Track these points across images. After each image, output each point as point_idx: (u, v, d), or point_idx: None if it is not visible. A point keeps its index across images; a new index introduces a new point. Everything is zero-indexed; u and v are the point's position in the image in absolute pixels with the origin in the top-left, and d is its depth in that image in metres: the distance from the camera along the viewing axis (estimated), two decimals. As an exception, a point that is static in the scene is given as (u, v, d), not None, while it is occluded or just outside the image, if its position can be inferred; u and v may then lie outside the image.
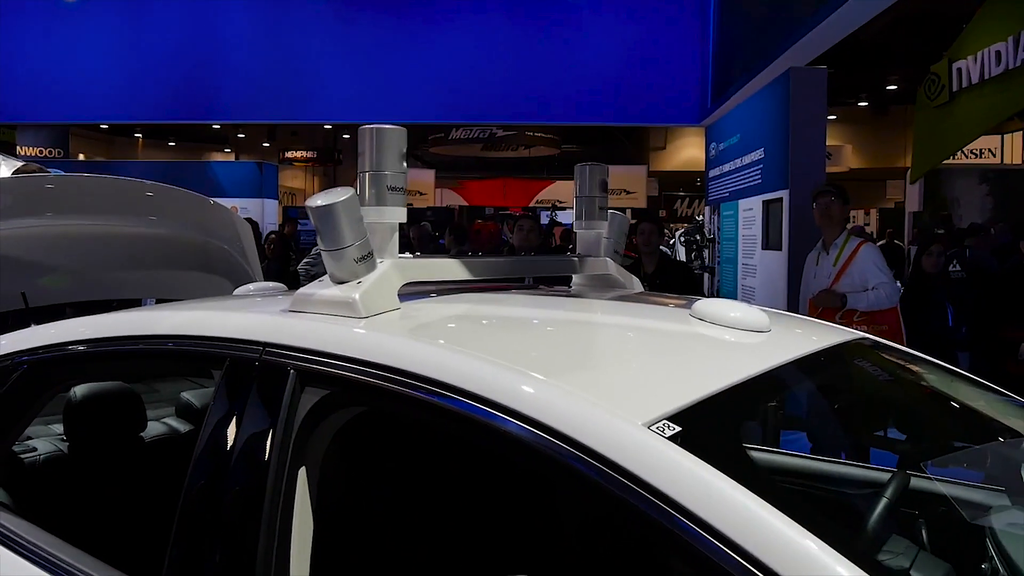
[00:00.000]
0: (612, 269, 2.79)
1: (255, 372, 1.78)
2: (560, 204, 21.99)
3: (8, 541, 2.05)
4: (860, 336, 2.31)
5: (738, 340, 1.88)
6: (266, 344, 1.79)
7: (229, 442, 1.74)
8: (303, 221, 16.51)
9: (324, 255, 1.89)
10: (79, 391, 2.91)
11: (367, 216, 1.94)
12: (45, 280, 3.63)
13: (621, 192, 22.92)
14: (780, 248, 7.37)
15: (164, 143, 30.69)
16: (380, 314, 1.85)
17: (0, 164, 4.31)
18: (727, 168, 9.80)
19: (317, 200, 1.86)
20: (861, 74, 19.39)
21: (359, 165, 2.01)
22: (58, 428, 3.23)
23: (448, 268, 2.25)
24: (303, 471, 1.67)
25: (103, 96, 14.12)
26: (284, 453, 1.65)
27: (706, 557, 1.16)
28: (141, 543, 2.07)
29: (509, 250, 6.84)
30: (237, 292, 2.79)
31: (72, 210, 3.58)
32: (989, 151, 17.89)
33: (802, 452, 2.16)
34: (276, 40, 13.90)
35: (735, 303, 2.00)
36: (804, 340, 2.04)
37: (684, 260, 12.38)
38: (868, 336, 2.37)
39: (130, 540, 2.35)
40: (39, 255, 3.54)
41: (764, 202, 8.00)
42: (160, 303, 3.94)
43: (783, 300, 6.97)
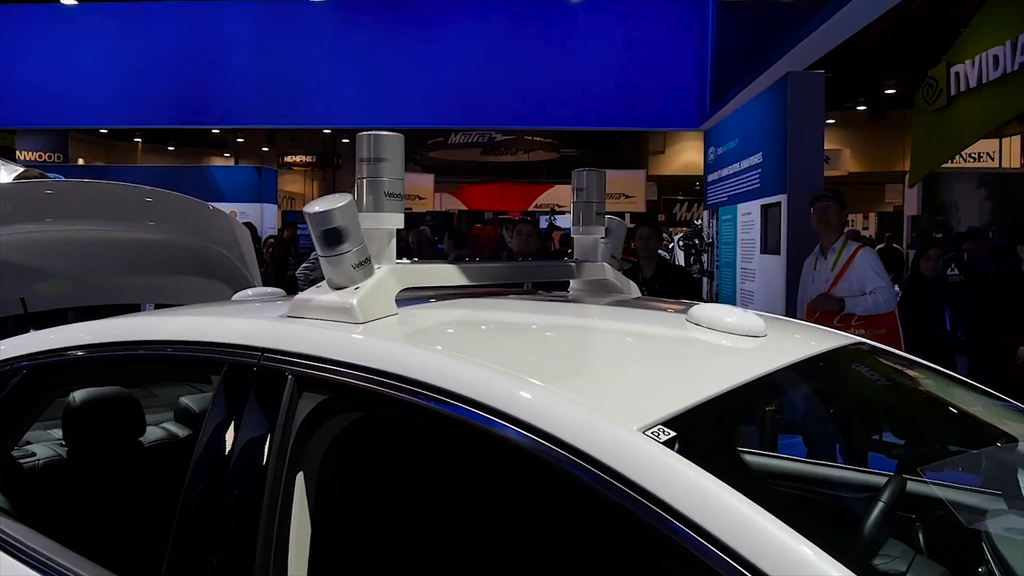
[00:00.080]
0: (609, 274, 2.80)
1: (253, 377, 1.78)
2: (559, 208, 22.03)
3: (7, 546, 2.05)
4: (856, 341, 2.31)
5: (734, 345, 1.88)
6: (264, 349, 1.80)
7: (227, 447, 1.74)
8: (302, 226, 16.49)
9: (322, 261, 1.90)
10: (78, 396, 2.92)
11: (365, 222, 1.95)
12: (44, 285, 3.63)
13: (620, 196, 22.92)
14: (779, 252, 7.38)
15: (163, 147, 30.69)
16: (377, 319, 1.86)
17: (0, 170, 4.31)
18: (726, 172, 9.81)
19: (315, 206, 1.87)
20: (859, 78, 19.41)
21: (356, 171, 2.02)
22: (57, 433, 3.24)
23: (445, 274, 2.26)
24: (301, 476, 1.67)
25: (103, 100, 14.13)
26: (282, 458, 1.66)
27: (701, 562, 1.16)
28: (140, 548, 2.07)
29: (508, 254, 6.84)
30: (235, 297, 2.80)
31: (71, 215, 3.59)
32: (987, 155, 17.90)
33: (798, 456, 2.17)
34: (275, 44, 13.91)
35: (731, 308, 2.01)
36: (800, 345, 2.05)
37: (683, 264, 12.39)
38: (864, 341, 2.37)
39: (129, 545, 2.35)
40: (38, 260, 3.54)
41: (762, 206, 8.01)
42: (159, 308, 3.95)
43: (782, 304, 6.98)
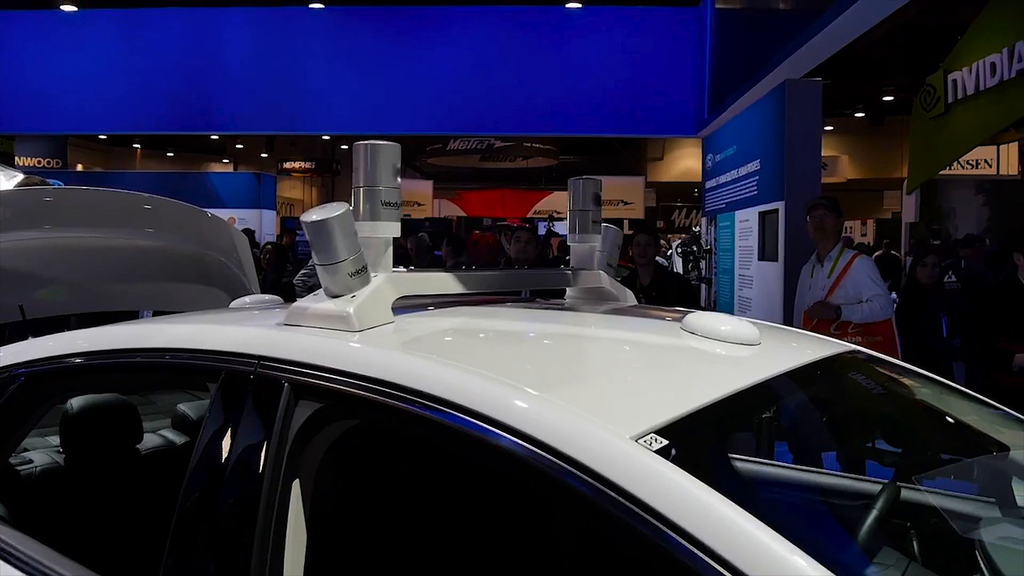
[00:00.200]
0: (605, 282, 2.81)
1: (250, 385, 1.79)
2: (558, 215, 22.01)
3: (4, 554, 2.06)
4: (850, 348, 2.32)
5: (728, 353, 1.89)
6: (261, 357, 1.81)
7: (224, 454, 1.75)
8: (300, 232, 16.52)
9: (319, 269, 1.91)
10: (75, 403, 2.92)
11: (361, 231, 1.95)
12: (43, 292, 3.64)
13: (619, 203, 22.98)
14: (776, 259, 7.39)
15: (162, 153, 30.72)
16: (374, 328, 1.87)
17: (0, 177, 4.32)
18: (724, 179, 9.83)
19: (312, 215, 1.88)
20: (857, 85, 19.47)
21: (353, 180, 2.03)
22: (55, 440, 3.24)
23: (442, 282, 2.27)
24: (297, 484, 1.68)
25: (102, 106, 14.14)
26: (278, 465, 1.66)
27: (693, 571, 1.17)
28: (137, 555, 2.08)
29: (507, 261, 6.85)
30: (233, 305, 2.80)
31: (70, 222, 3.59)
32: (985, 162, 17.92)
33: (791, 464, 2.18)
34: (275, 51, 13.93)
35: (726, 316, 2.02)
36: (793, 353, 2.06)
37: (681, 271, 12.40)
38: (859, 348, 2.38)
39: (126, 552, 2.36)
40: (37, 267, 3.55)
41: (760, 213, 8.03)
42: (157, 315, 3.96)
43: (779, 311, 6.99)
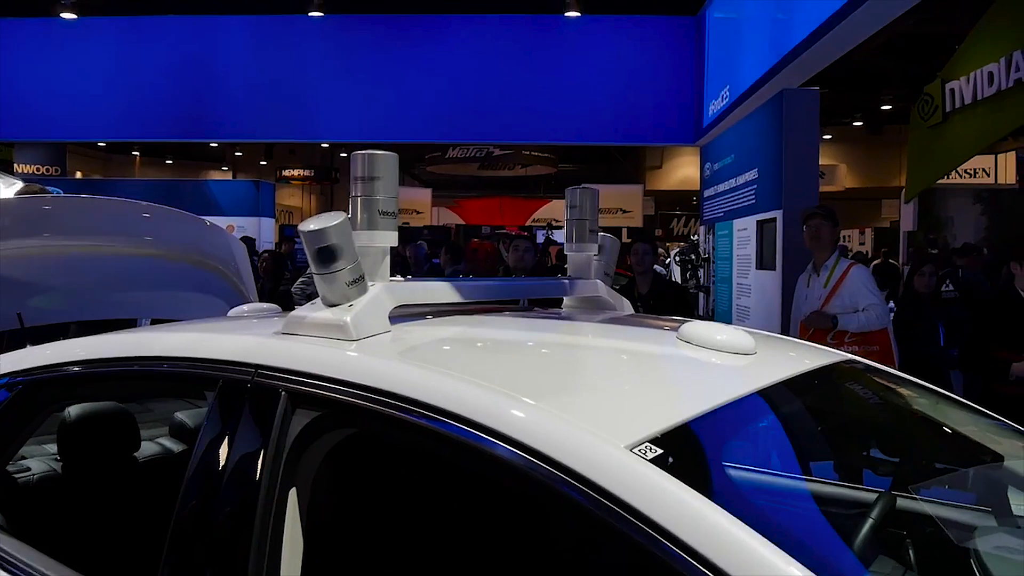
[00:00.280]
0: (602, 291, 2.82)
1: (247, 394, 1.80)
2: (556, 223, 22.04)
3: (2, 562, 2.06)
4: (846, 358, 2.33)
5: (723, 363, 1.90)
6: (258, 366, 1.81)
7: (221, 462, 1.75)
8: (299, 240, 16.49)
9: (316, 278, 1.92)
10: (73, 411, 2.92)
11: (359, 240, 1.97)
12: (41, 300, 3.65)
13: (617, 211, 22.99)
14: (774, 268, 7.40)
15: (161, 161, 30.71)
16: (371, 337, 1.88)
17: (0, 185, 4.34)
18: (722, 188, 9.84)
19: (310, 224, 1.89)
20: (856, 94, 19.51)
21: (351, 190, 2.04)
22: (52, 448, 3.24)
23: (439, 291, 2.28)
24: (294, 492, 1.69)
25: (101, 114, 14.16)
26: (275, 474, 1.67)
27: None
28: (134, 563, 2.08)
29: (505, 270, 6.86)
30: (231, 313, 2.81)
31: (69, 231, 3.60)
32: (983, 171, 17.94)
33: (786, 474, 2.18)
34: (274, 59, 13.95)
35: (721, 326, 2.02)
36: (789, 362, 2.07)
37: (679, 279, 12.41)
38: (854, 358, 2.39)
39: (123, 560, 2.36)
40: (35, 275, 3.56)
41: (758, 222, 8.04)
42: (155, 323, 3.97)
43: (777, 319, 6.99)
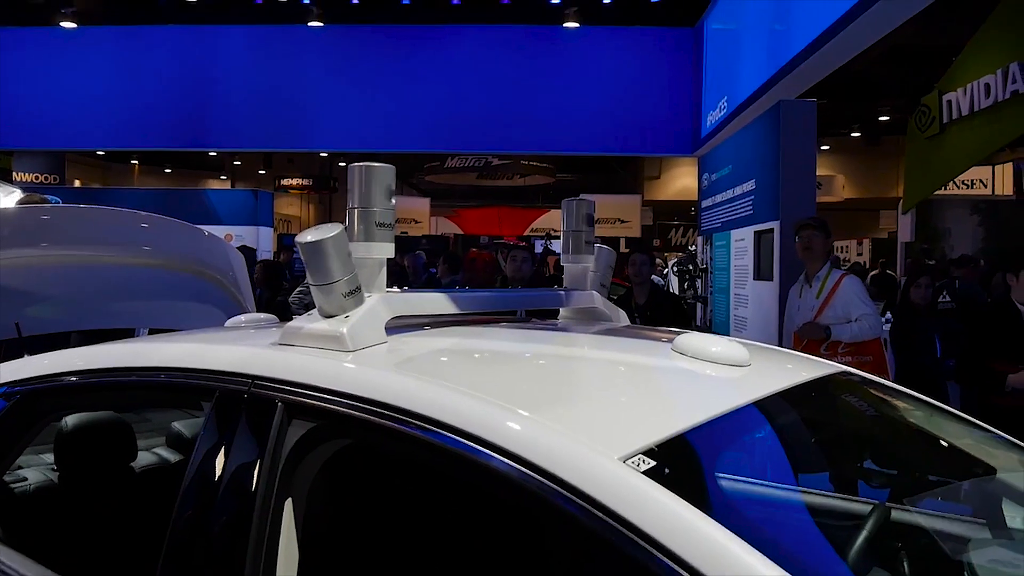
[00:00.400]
0: (598, 302, 2.83)
1: (243, 404, 1.81)
2: (554, 233, 22.02)
3: (-2, 571, 2.06)
4: (840, 370, 2.33)
5: (717, 375, 1.91)
6: (255, 377, 1.82)
7: (217, 473, 1.76)
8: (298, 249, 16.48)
9: (313, 289, 1.93)
10: (70, 421, 2.93)
11: (356, 251, 1.98)
12: (39, 310, 3.65)
13: (616, 221, 22.98)
14: (771, 278, 7.41)
15: (160, 170, 30.72)
16: (367, 348, 1.88)
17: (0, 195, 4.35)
18: (719, 199, 9.86)
19: (307, 236, 1.90)
20: (853, 105, 19.55)
21: (348, 201, 2.06)
22: (49, 458, 3.25)
23: (435, 302, 2.29)
24: (289, 502, 1.69)
25: (100, 123, 14.17)
26: (271, 484, 1.68)
27: None
28: (130, 573, 2.09)
29: (503, 280, 6.87)
30: (228, 323, 2.82)
31: (68, 240, 3.61)
32: (980, 182, 17.98)
33: (780, 486, 2.18)
34: (273, 69, 13.98)
35: (716, 338, 2.03)
36: (783, 374, 2.07)
37: (677, 290, 12.42)
38: (849, 369, 2.40)
39: (119, 569, 2.37)
40: (34, 285, 3.56)
41: (755, 233, 8.05)
42: (153, 332, 3.97)
43: (775, 330, 7.01)
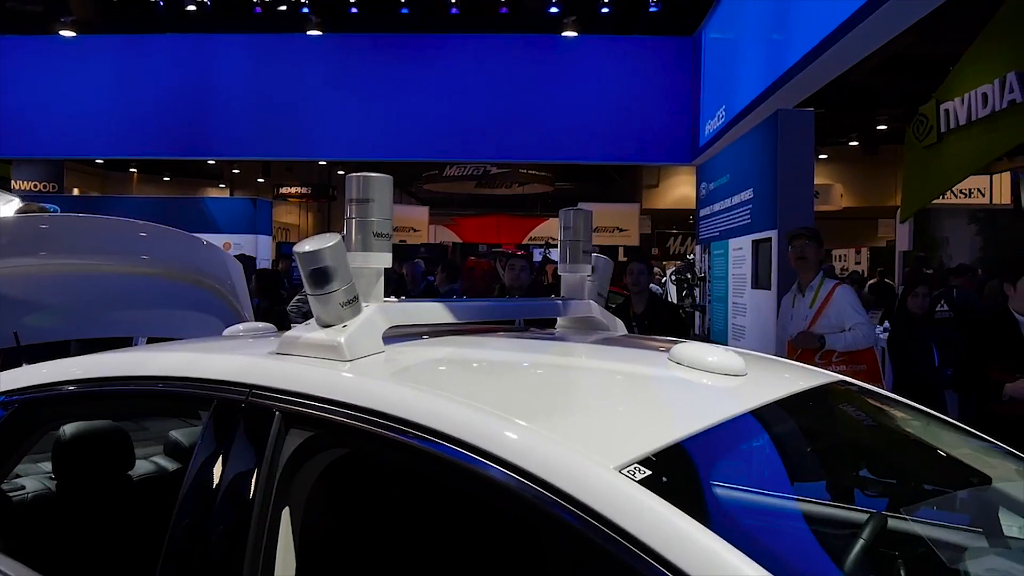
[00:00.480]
0: (595, 311, 2.84)
1: (241, 413, 1.81)
2: (554, 241, 22.02)
3: (-5, 580, 2.07)
4: (837, 379, 2.34)
5: (714, 384, 1.92)
6: (252, 386, 1.83)
7: (215, 482, 1.77)
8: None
9: (311, 299, 1.93)
10: (68, 429, 2.93)
11: (353, 261, 1.99)
12: (37, 319, 3.65)
13: (614, 230, 23.00)
14: (769, 287, 7.43)
15: (159, 178, 30.73)
16: (364, 357, 1.89)
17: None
18: (717, 208, 9.88)
19: (304, 246, 1.91)
20: (851, 114, 19.58)
21: (345, 212, 2.07)
22: (46, 466, 3.25)
23: (432, 312, 2.30)
24: (287, 511, 1.70)
25: (99, 131, 14.20)
26: (268, 493, 1.68)
27: None
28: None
29: (501, 288, 6.89)
30: (226, 332, 2.82)
31: (66, 250, 3.62)
32: (978, 191, 17.99)
33: (776, 495, 2.19)
34: (272, 78, 14.01)
35: (712, 347, 2.04)
36: (779, 383, 2.08)
37: (675, 299, 12.44)
38: (845, 379, 2.40)
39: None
40: (32, 294, 3.57)
41: (753, 242, 8.07)
42: (151, 341, 3.98)
43: (772, 339, 7.02)
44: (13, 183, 19.80)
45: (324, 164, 27.19)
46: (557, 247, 2.99)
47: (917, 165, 8.33)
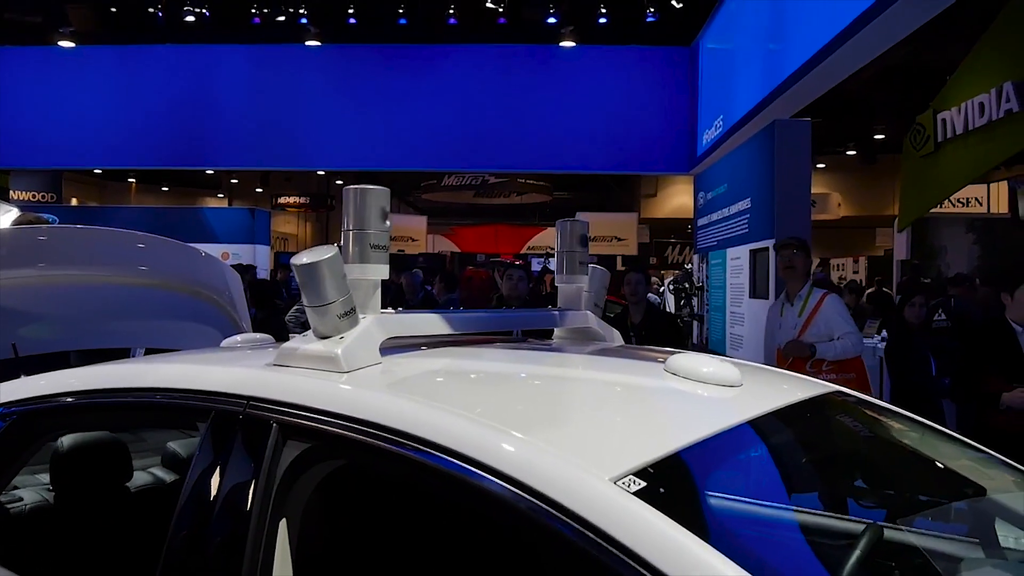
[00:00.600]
0: (592, 322, 2.84)
1: (239, 425, 1.82)
2: (552, 251, 22.03)
3: (-7, 591, 2.07)
4: (833, 390, 2.34)
5: (709, 395, 1.92)
6: (250, 398, 1.83)
7: (212, 493, 1.77)
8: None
9: (308, 311, 1.94)
10: (66, 441, 2.93)
11: (350, 273, 1.99)
12: (35, 330, 3.65)
13: (612, 239, 22.99)
14: (767, 297, 7.43)
15: (157, 188, 30.71)
16: (362, 369, 1.89)
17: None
18: (715, 217, 9.89)
19: (302, 258, 1.91)
20: (849, 123, 19.61)
21: (343, 224, 2.08)
22: (44, 478, 3.25)
23: (429, 324, 2.30)
24: (284, 523, 1.70)
25: (97, 141, 14.22)
26: (266, 504, 1.68)
27: None
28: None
29: (499, 299, 6.88)
30: (224, 344, 2.83)
31: (64, 261, 3.61)
32: (976, 200, 17.99)
33: (771, 506, 2.19)
34: (270, 88, 14.03)
35: (709, 358, 2.04)
36: (775, 394, 2.08)
37: (673, 308, 12.44)
38: (843, 389, 2.40)
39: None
40: (30, 305, 3.57)
41: (751, 251, 8.08)
42: (149, 352, 3.98)
43: (770, 348, 7.02)
44: (11, 193, 19.82)
45: (322, 174, 27.19)
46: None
47: (914, 174, 8.35)
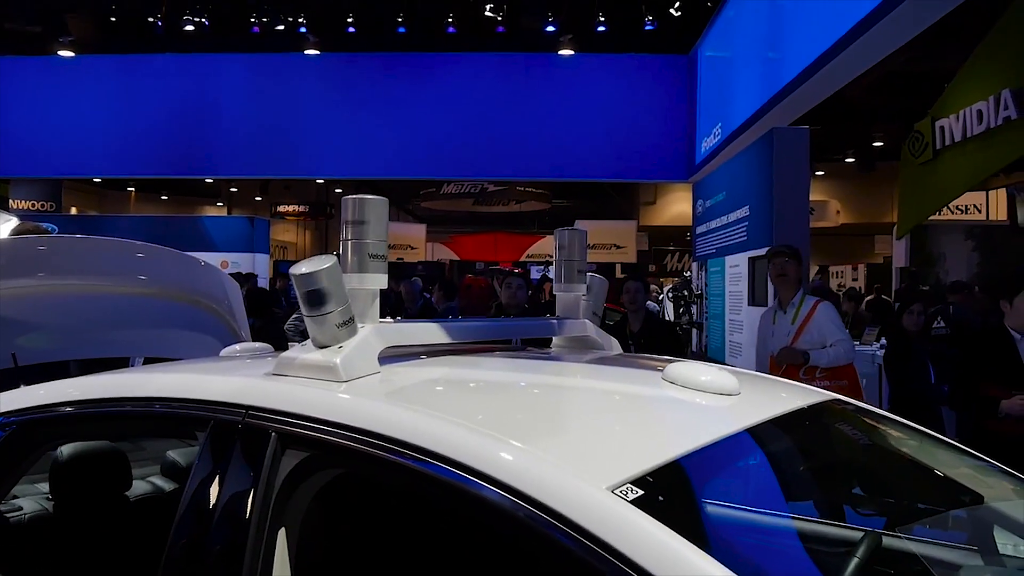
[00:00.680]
0: (590, 331, 2.85)
1: (238, 434, 1.82)
2: (551, 259, 22.02)
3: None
4: (831, 397, 2.35)
5: (707, 403, 1.93)
6: (249, 407, 1.84)
7: (211, 502, 1.77)
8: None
9: (307, 320, 1.94)
10: (65, 450, 2.93)
11: (349, 282, 2.00)
12: (34, 339, 3.65)
13: (611, 247, 22.99)
14: (766, 304, 7.43)
15: (156, 196, 30.73)
16: (360, 378, 1.90)
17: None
18: (714, 225, 9.90)
19: (301, 268, 1.92)
20: (847, 131, 19.62)
21: (341, 233, 2.08)
22: (44, 487, 3.25)
23: (428, 333, 2.31)
24: (283, 532, 1.71)
25: (97, 150, 14.23)
26: (265, 513, 1.69)
27: None
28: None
29: (497, 307, 6.88)
30: (223, 353, 2.83)
31: (63, 270, 3.62)
32: (975, 207, 17.99)
33: (769, 514, 2.20)
34: (269, 96, 14.04)
35: (706, 366, 2.05)
36: (773, 403, 2.09)
37: (672, 316, 12.44)
38: (840, 397, 2.41)
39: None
40: (30, 315, 3.57)
41: (750, 259, 8.08)
42: (148, 362, 3.98)
43: (762, 355, 7.02)
44: (11, 202, 19.84)
45: (322, 182, 27.20)
46: (556, 266, 2.99)
47: (913, 182, 8.35)
